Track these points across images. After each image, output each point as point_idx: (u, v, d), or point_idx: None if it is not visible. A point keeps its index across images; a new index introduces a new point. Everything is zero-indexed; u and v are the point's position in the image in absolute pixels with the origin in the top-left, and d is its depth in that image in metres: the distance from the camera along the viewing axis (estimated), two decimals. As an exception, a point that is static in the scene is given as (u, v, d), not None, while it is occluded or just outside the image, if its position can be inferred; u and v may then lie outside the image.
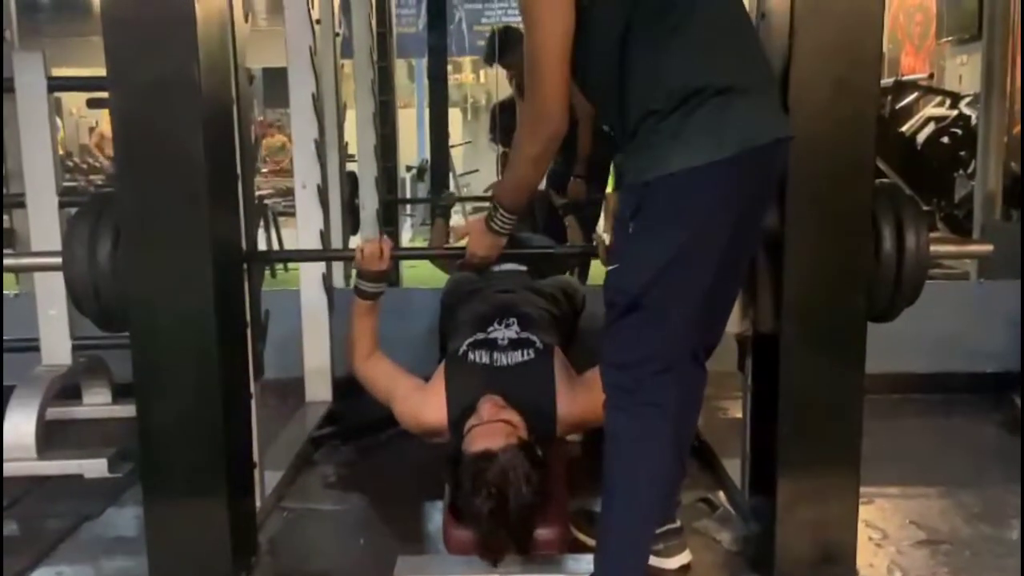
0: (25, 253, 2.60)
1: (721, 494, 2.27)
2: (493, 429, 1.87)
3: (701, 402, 1.90)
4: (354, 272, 2.17)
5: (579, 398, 2.02)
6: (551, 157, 1.72)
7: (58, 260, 1.85)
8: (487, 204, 1.98)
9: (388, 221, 4.34)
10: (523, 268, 2.69)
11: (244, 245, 1.98)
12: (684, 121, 1.51)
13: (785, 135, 1.60)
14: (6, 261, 2.11)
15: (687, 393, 1.73)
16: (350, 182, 3.86)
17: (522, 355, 2.08)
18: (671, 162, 1.51)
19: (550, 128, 1.63)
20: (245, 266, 1.99)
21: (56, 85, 2.67)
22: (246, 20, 2.00)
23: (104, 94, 1.72)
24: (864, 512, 1.89)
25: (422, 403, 2.09)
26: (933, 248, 1.79)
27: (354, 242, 3.69)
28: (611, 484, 1.64)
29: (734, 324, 1.95)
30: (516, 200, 1.85)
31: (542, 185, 3.92)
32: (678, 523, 1.92)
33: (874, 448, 1.83)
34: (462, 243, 2.13)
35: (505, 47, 4.05)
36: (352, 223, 3.93)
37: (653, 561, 1.86)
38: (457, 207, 5.54)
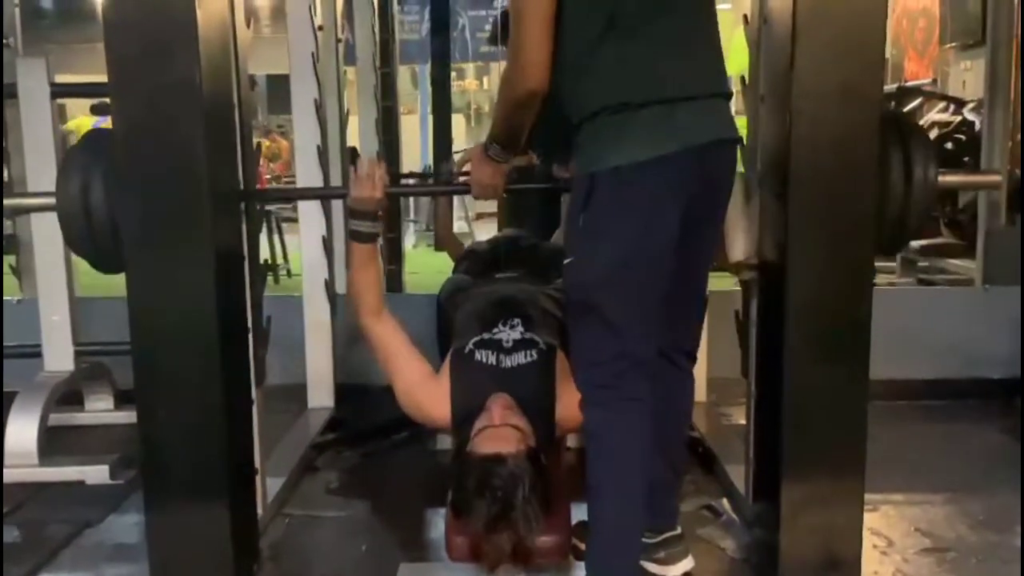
0: (21, 194, 2.60)
1: (725, 501, 2.26)
2: (505, 433, 1.85)
3: (688, 406, 1.90)
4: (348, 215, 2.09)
5: (578, 399, 2.01)
6: (531, 111, 1.71)
7: (51, 200, 1.86)
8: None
9: (391, 227, 4.33)
10: (523, 272, 2.68)
11: (246, 251, 1.98)
12: (630, 118, 1.55)
13: (729, 136, 1.65)
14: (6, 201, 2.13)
15: (667, 392, 1.75)
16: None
17: (525, 356, 2.08)
18: (614, 157, 1.55)
19: (527, 85, 1.63)
20: (247, 268, 1.97)
21: (59, 91, 2.68)
22: (248, 26, 2.00)
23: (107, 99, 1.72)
24: (869, 519, 1.88)
25: (426, 395, 2.06)
26: (941, 179, 1.79)
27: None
28: (596, 483, 1.64)
29: (737, 251, 1.91)
30: (508, 138, 1.83)
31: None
32: (679, 530, 1.91)
33: (879, 454, 1.81)
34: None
35: (507, 29, 4.02)
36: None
37: (656, 568, 1.85)
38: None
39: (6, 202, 2.22)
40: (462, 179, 2.01)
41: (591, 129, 1.60)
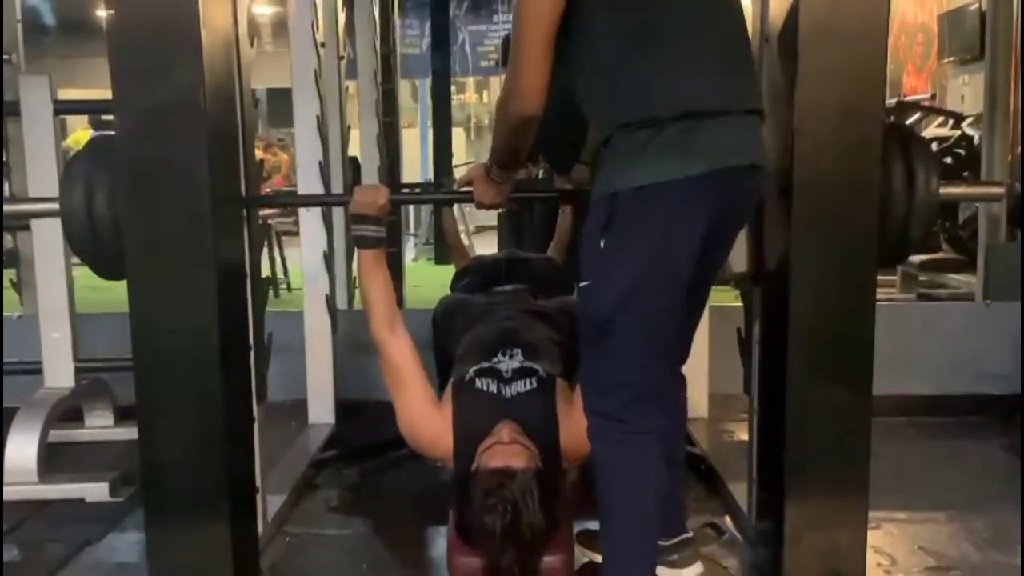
0: (23, 199, 2.56)
1: (728, 519, 2.26)
2: (514, 450, 1.85)
3: (683, 410, 1.89)
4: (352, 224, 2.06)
5: (582, 429, 1.99)
6: (527, 135, 1.71)
7: (55, 206, 1.86)
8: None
9: (391, 241, 4.33)
10: (524, 287, 2.67)
11: (248, 267, 1.98)
12: (655, 137, 1.51)
13: (758, 162, 1.60)
14: (5, 208, 2.10)
15: (671, 409, 1.73)
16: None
17: (525, 384, 2.06)
18: (639, 176, 1.51)
19: (522, 110, 1.62)
20: (248, 285, 1.97)
21: (62, 108, 2.68)
22: (252, 44, 2.01)
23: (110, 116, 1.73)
24: (872, 538, 1.87)
25: (428, 422, 2.03)
26: (943, 191, 1.79)
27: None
28: (609, 516, 1.62)
29: (740, 263, 1.90)
30: (507, 161, 1.84)
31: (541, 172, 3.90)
32: (690, 533, 1.90)
33: (881, 472, 1.81)
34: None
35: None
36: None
37: (668, 572, 1.84)
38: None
39: (9, 208, 2.20)
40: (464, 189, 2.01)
41: (616, 145, 1.56)
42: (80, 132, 8.82)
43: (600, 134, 1.62)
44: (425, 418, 2.04)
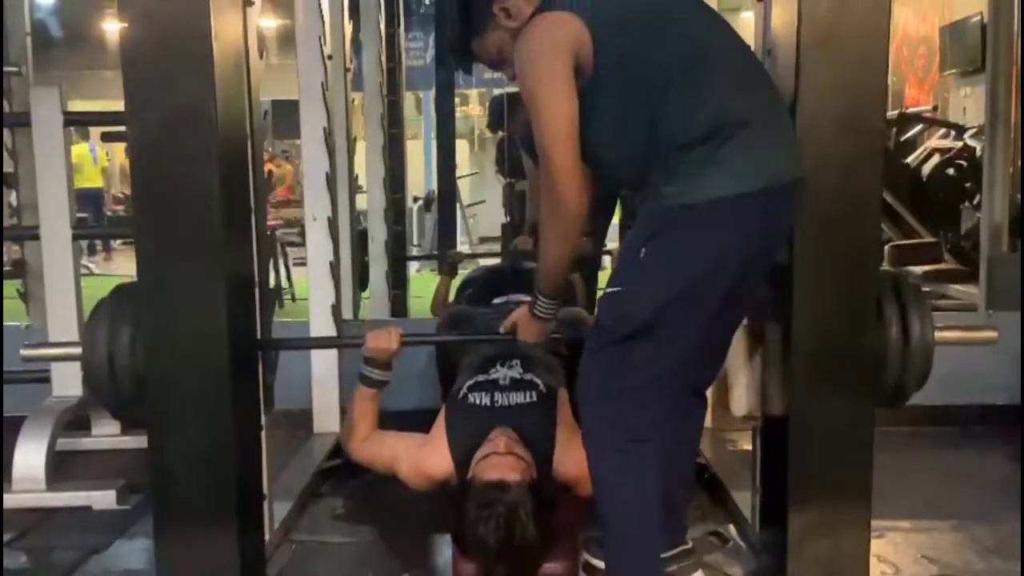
0: (46, 344, 2.50)
1: (731, 528, 2.26)
2: (508, 461, 1.86)
3: (701, 430, 1.90)
4: (361, 361, 2.12)
5: (578, 455, 1.92)
6: (577, 235, 1.70)
7: (78, 350, 1.88)
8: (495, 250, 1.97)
9: (396, 256, 4.37)
10: (527, 299, 2.68)
11: (256, 278, 2.00)
12: (713, 153, 1.52)
13: (800, 175, 1.62)
14: (27, 352, 2.10)
15: (685, 424, 1.74)
16: (360, 240, 3.87)
17: (524, 396, 2.06)
18: (697, 191, 1.52)
19: (568, 209, 1.61)
20: (257, 295, 1.99)
21: (72, 120, 2.71)
22: (260, 57, 2.03)
23: (118, 128, 1.75)
24: (876, 546, 1.87)
25: (426, 455, 2.06)
26: (938, 335, 1.80)
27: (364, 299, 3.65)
28: (607, 526, 1.63)
29: (740, 406, 1.95)
30: (554, 284, 1.80)
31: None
32: (690, 544, 1.91)
33: (885, 481, 1.82)
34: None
35: (511, 114, 4.04)
36: (361, 278, 3.92)
37: (667, 582, 1.85)
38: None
39: (32, 352, 2.18)
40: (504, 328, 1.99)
41: (668, 167, 1.55)
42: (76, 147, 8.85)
43: (649, 162, 1.60)
44: (423, 459, 2.06)
